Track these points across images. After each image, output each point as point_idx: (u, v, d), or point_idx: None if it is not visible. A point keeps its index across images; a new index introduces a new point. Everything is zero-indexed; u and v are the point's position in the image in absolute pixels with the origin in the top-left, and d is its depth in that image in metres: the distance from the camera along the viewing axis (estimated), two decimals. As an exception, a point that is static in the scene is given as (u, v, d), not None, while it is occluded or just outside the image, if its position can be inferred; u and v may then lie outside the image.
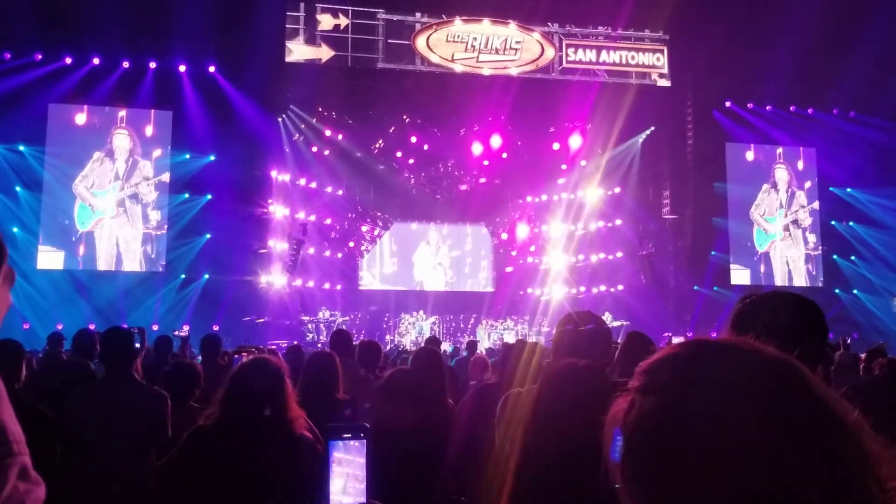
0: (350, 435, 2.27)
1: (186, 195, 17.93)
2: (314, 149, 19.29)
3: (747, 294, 1.96)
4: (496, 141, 19.36)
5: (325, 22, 17.65)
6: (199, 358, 8.24)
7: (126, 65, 17.37)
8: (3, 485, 0.70)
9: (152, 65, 17.47)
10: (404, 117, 19.50)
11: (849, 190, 20.88)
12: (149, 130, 18.09)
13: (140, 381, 4.45)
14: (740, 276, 20.48)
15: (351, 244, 20.85)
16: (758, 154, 21.17)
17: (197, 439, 3.07)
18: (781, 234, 20.99)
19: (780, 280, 20.59)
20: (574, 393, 1.78)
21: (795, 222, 21.14)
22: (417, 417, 4.17)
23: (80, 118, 17.70)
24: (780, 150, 21.18)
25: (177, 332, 9.73)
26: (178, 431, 3.40)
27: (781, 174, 21.20)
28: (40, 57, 16.79)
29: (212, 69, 17.71)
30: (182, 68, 17.65)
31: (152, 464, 3.69)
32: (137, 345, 7.31)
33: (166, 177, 18.00)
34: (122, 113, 17.90)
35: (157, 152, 18.05)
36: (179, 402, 4.40)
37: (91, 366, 5.56)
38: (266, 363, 3.20)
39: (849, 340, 11.26)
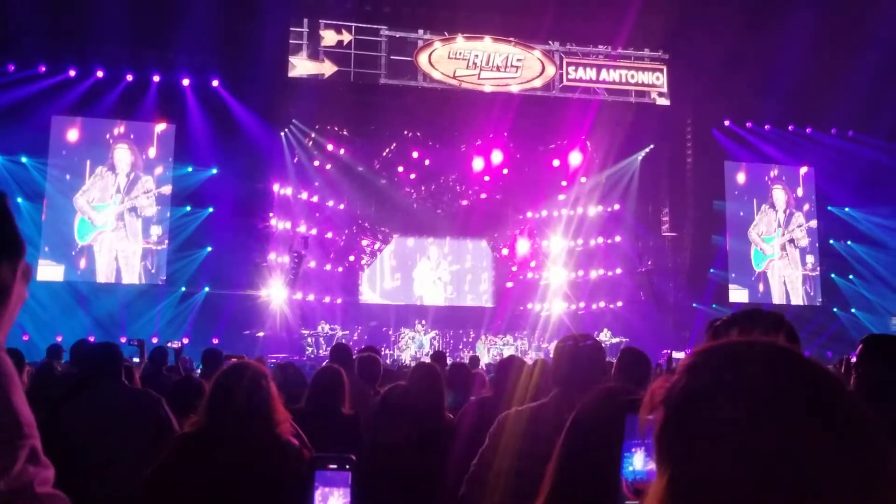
0: (336, 466, 2.26)
1: (188, 208, 17.98)
2: (316, 163, 19.39)
3: (717, 318, 2.06)
4: (497, 157, 19.45)
5: (329, 38, 17.80)
6: (199, 370, 8.28)
7: (130, 78, 17.44)
8: (13, 465, 0.74)
9: (156, 78, 17.56)
10: (406, 132, 19.61)
11: (847, 209, 20.93)
12: (151, 144, 18.15)
13: (132, 386, 4.46)
14: (739, 294, 20.51)
15: (351, 258, 20.90)
16: (756, 173, 21.24)
17: (181, 447, 3.05)
18: (779, 254, 21.03)
19: (777, 299, 20.62)
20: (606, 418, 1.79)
21: (793, 242, 21.19)
22: (414, 433, 4.18)
23: (83, 130, 17.78)
24: (778, 169, 21.26)
25: (170, 344, 9.70)
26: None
27: (779, 194, 21.27)
28: (44, 69, 16.87)
29: (215, 83, 17.80)
30: (185, 82, 17.74)
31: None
32: (136, 359, 7.38)
33: (167, 189, 18.05)
34: (125, 126, 17.98)
35: (158, 166, 18.11)
36: (183, 419, 4.42)
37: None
38: (248, 367, 3.17)
39: (853, 360, 11.10)
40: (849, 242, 20.98)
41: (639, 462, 1.50)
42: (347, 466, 2.24)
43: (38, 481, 0.77)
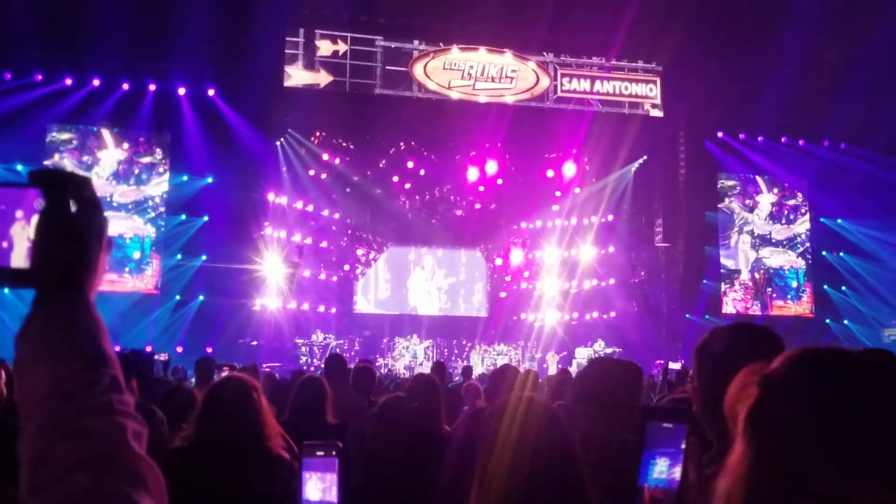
0: (323, 453, 2.29)
1: (183, 217, 17.98)
2: (311, 172, 19.41)
3: (708, 333, 2.05)
4: (491, 167, 19.53)
5: (324, 48, 17.86)
6: (193, 380, 8.28)
7: (126, 87, 17.45)
8: (98, 385, 0.90)
9: (152, 87, 17.56)
10: (401, 142, 19.67)
11: (839, 221, 21.03)
12: (147, 153, 18.18)
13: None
14: (731, 305, 20.60)
15: (346, 267, 20.93)
16: (749, 185, 21.36)
17: (171, 462, 3.03)
18: (773, 265, 21.11)
19: (770, 310, 20.69)
20: (517, 423, 1.83)
21: (785, 253, 21.27)
22: (412, 446, 4.19)
23: (79, 139, 17.80)
24: (770, 180, 21.36)
25: (157, 356, 9.67)
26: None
27: (772, 206, 21.37)
28: (40, 77, 16.88)
29: (211, 92, 17.84)
30: (181, 91, 17.76)
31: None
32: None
33: (163, 198, 18.07)
34: (121, 134, 17.98)
35: (154, 174, 18.13)
36: (175, 427, 4.43)
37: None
38: (240, 381, 3.17)
39: None
40: (841, 254, 21.08)
41: (661, 469, 1.54)
42: (334, 453, 2.27)
43: (117, 401, 0.91)
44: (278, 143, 18.73)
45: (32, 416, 0.89)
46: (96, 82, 17.30)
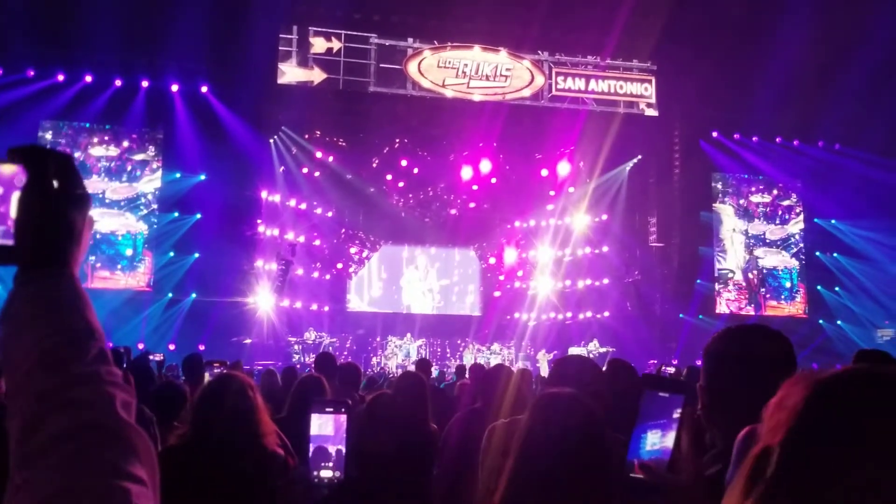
0: (332, 409, 2.29)
1: (176, 214, 17.91)
2: (304, 170, 19.36)
3: (717, 332, 2.10)
4: (485, 166, 19.48)
5: (318, 45, 17.81)
6: (183, 378, 8.22)
7: (118, 83, 17.38)
8: (86, 356, 0.91)
9: (145, 84, 17.49)
10: (395, 141, 19.61)
11: (833, 222, 21.08)
12: (139, 150, 18.10)
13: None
14: (725, 305, 20.61)
15: (339, 266, 20.88)
16: (743, 184, 21.39)
17: (167, 460, 2.96)
18: (767, 266, 21.15)
19: (763, 310, 20.72)
20: (560, 421, 1.85)
21: (779, 253, 21.31)
22: (399, 443, 4.17)
23: (70, 135, 17.69)
24: (765, 181, 21.39)
25: (152, 356, 9.63)
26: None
27: (766, 206, 21.40)
28: (32, 73, 16.78)
29: (204, 89, 17.76)
30: (174, 88, 17.68)
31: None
32: (124, 365, 7.33)
33: (155, 195, 17.99)
34: (113, 131, 17.90)
35: (146, 171, 18.06)
36: (166, 424, 4.40)
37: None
38: (234, 379, 3.17)
39: None
40: (835, 255, 21.11)
41: (653, 441, 1.53)
42: (343, 410, 2.31)
43: (105, 372, 0.91)
44: (272, 140, 18.67)
45: (19, 390, 0.89)
46: (89, 78, 17.21)
